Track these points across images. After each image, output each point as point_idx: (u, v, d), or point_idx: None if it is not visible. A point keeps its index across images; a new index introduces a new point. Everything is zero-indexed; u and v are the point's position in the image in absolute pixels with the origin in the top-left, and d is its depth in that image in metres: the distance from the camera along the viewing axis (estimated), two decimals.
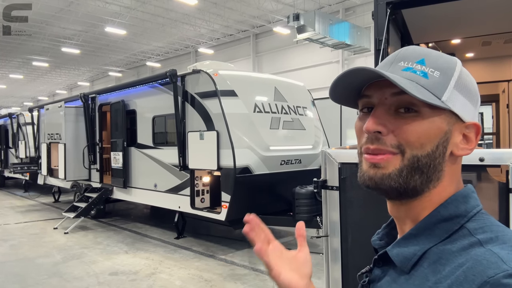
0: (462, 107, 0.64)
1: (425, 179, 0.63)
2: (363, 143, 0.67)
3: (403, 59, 0.66)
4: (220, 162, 6.18)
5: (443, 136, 0.63)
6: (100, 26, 21.65)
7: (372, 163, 0.65)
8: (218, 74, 6.42)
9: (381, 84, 0.64)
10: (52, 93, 44.63)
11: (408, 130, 0.62)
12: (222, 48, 26.16)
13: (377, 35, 3.86)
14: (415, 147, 0.62)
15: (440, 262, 0.58)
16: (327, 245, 1.86)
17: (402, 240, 0.65)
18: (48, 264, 6.00)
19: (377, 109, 0.65)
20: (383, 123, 0.64)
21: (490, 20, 5.01)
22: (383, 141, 0.64)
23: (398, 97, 0.63)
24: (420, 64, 0.64)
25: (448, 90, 0.63)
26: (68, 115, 9.35)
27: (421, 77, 0.63)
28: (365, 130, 0.65)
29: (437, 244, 0.61)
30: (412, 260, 0.61)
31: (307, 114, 7.51)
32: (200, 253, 6.47)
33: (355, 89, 0.69)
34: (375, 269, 0.70)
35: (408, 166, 0.63)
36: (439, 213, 0.63)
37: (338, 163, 1.73)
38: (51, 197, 12.24)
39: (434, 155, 0.63)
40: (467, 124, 0.65)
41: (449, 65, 0.65)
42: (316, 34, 15.89)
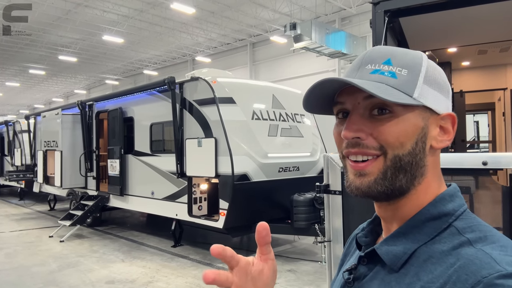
0: (435, 100, 0.65)
1: (409, 177, 0.64)
2: (344, 148, 0.67)
3: (370, 61, 0.66)
4: (218, 169, 6.16)
5: (421, 132, 0.64)
6: (98, 34, 21.72)
7: (357, 170, 0.65)
8: (216, 82, 6.43)
9: (352, 89, 0.64)
10: (48, 101, 44.52)
11: (386, 131, 0.63)
12: (220, 56, 26.29)
13: (375, 43, 3.89)
14: (395, 146, 0.63)
15: (430, 261, 0.58)
16: (330, 251, 1.85)
17: (391, 238, 0.65)
18: (44, 273, 5.92)
19: (352, 115, 0.66)
20: (360, 128, 0.64)
21: (486, 29, 5.07)
22: (364, 145, 0.64)
23: (370, 100, 0.63)
24: (387, 65, 0.64)
25: (418, 86, 0.63)
26: (65, 123, 9.32)
27: (389, 77, 0.63)
28: (343, 137, 0.66)
29: (427, 243, 0.61)
30: (402, 258, 0.61)
31: (305, 122, 7.53)
32: (197, 261, 6.41)
33: (327, 97, 0.70)
34: (360, 266, 0.69)
35: (391, 166, 0.63)
36: (428, 211, 0.63)
37: (340, 168, 1.73)
38: (46, 205, 12.12)
39: (414, 152, 0.63)
40: (442, 115, 0.66)
41: (415, 61, 0.65)
42: (313, 43, 16.02)
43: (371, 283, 0.65)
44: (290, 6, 18.28)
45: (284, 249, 7.11)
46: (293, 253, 6.82)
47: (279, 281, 5.41)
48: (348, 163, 0.68)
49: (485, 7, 4.00)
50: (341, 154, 0.70)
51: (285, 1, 17.94)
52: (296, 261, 6.32)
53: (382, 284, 0.63)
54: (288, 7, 18.43)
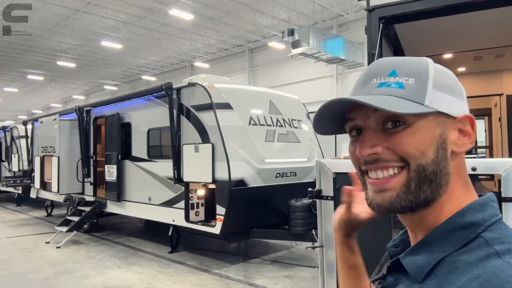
0: (448, 104, 0.63)
1: (434, 187, 0.61)
2: (362, 164, 0.66)
3: (375, 75, 0.65)
4: (215, 175, 6.16)
5: (439, 139, 0.62)
6: (96, 40, 21.78)
7: (376, 187, 0.63)
8: (213, 87, 6.45)
9: (361, 105, 0.63)
10: (46, 106, 44.52)
11: (402, 142, 0.61)
12: (218, 62, 26.38)
13: (370, 49, 3.93)
14: (417, 156, 0.61)
15: (455, 272, 0.56)
16: (322, 256, 1.85)
17: (415, 248, 0.63)
18: (40, 279, 5.89)
19: (365, 132, 0.64)
20: (375, 144, 0.63)
21: (481, 35, 5.11)
22: (382, 159, 0.62)
23: (380, 113, 0.62)
24: (393, 76, 0.63)
25: (428, 93, 0.62)
26: (63, 128, 9.31)
27: (397, 88, 0.62)
28: (359, 155, 0.64)
29: (452, 254, 0.58)
30: (426, 269, 0.59)
31: (302, 127, 7.54)
32: (194, 267, 6.39)
33: (338, 117, 0.69)
34: (389, 276, 0.68)
35: (415, 177, 0.61)
36: (454, 221, 0.61)
37: (332, 173, 1.74)
38: (43, 211, 12.07)
39: (437, 159, 0.61)
40: (459, 118, 0.64)
41: (421, 68, 0.64)
42: (311, 49, 16.10)
43: None
44: (288, 12, 18.39)
45: (282, 255, 7.09)
46: (291, 259, 6.80)
47: (275, 287, 5.39)
48: (367, 180, 0.66)
49: (480, 14, 4.05)
50: (359, 171, 0.68)
51: (283, 7, 18.05)
52: (294, 267, 6.30)
53: None
54: (286, 13, 18.54)
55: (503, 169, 1.39)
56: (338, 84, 20.36)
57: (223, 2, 17.63)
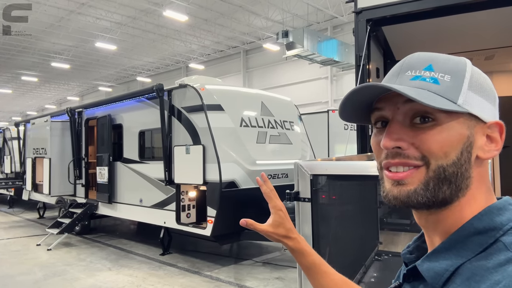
0: (481, 108, 0.61)
1: (453, 188, 0.60)
2: (383, 158, 0.64)
3: (410, 67, 0.63)
4: (206, 177, 6.14)
5: (466, 141, 0.60)
6: (91, 41, 21.73)
7: (395, 180, 0.62)
8: (204, 89, 6.44)
9: (392, 95, 0.62)
10: (41, 107, 44.32)
11: (429, 140, 0.59)
12: (213, 63, 26.39)
13: (358, 51, 3.94)
14: (439, 157, 0.59)
15: (474, 279, 0.53)
16: None
17: (433, 254, 0.61)
18: (29, 282, 5.84)
19: (392, 124, 0.62)
20: (401, 138, 0.61)
21: (471, 37, 5.14)
22: (405, 155, 0.61)
23: (411, 105, 0.60)
24: (429, 71, 0.62)
25: (462, 93, 0.60)
26: (54, 130, 9.26)
27: (431, 83, 0.60)
28: (383, 147, 0.62)
29: (471, 259, 0.56)
30: (444, 276, 0.57)
31: (294, 129, 7.55)
32: (185, 269, 6.36)
33: (365, 104, 0.67)
34: (405, 285, 0.65)
35: (434, 177, 0.59)
36: (472, 225, 0.59)
37: (310, 175, 1.74)
38: (35, 213, 11.99)
39: (459, 162, 0.59)
40: (489, 124, 0.62)
41: (458, 66, 0.62)
42: (305, 51, 16.16)
43: None
44: (282, 14, 18.44)
45: (273, 256, 7.08)
46: (282, 260, 6.79)
47: None
48: (384, 173, 0.64)
49: (469, 16, 4.07)
50: (379, 165, 0.67)
51: (278, 9, 18.10)
52: (285, 268, 6.29)
53: None
54: (281, 15, 18.59)
55: None
56: (332, 85, 20.42)
57: (218, 4, 17.65)
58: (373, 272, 3.26)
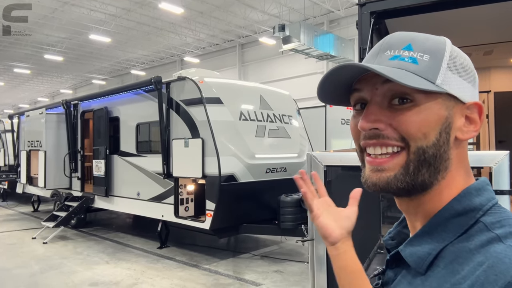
0: (459, 88, 0.60)
1: (432, 171, 0.59)
2: (361, 139, 0.64)
3: (389, 47, 0.63)
4: (205, 170, 6.12)
5: (445, 122, 0.59)
6: (84, 33, 21.45)
7: (374, 166, 0.61)
8: (204, 82, 6.39)
9: (370, 76, 0.61)
10: (33, 100, 43.77)
11: (407, 121, 0.58)
12: (208, 57, 26.21)
13: (361, 44, 3.92)
14: (418, 138, 0.58)
15: (457, 261, 0.54)
16: (313, 250, 1.84)
17: (415, 239, 0.61)
18: (25, 275, 5.79)
19: (370, 105, 0.62)
20: (378, 119, 0.60)
21: (470, 32, 5.15)
22: (383, 136, 0.60)
23: (389, 86, 0.59)
24: (408, 50, 0.61)
25: (441, 72, 0.59)
26: (49, 122, 9.15)
27: (410, 63, 0.59)
28: (360, 128, 0.62)
29: (453, 242, 0.56)
30: (427, 260, 0.57)
31: (293, 123, 7.53)
32: (183, 262, 6.35)
33: (344, 85, 0.66)
34: (388, 270, 0.65)
35: (414, 160, 0.59)
36: (452, 208, 0.59)
37: (323, 166, 1.72)
38: (30, 207, 11.88)
39: (439, 143, 0.59)
40: (468, 104, 0.61)
41: (438, 46, 0.61)
42: (301, 45, 16.09)
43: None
44: (279, 7, 18.33)
45: (271, 250, 7.10)
46: (280, 253, 6.81)
47: (265, 282, 5.39)
48: (365, 157, 0.63)
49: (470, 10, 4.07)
50: (358, 147, 0.66)
51: (274, 2, 17.98)
52: (283, 262, 6.31)
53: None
54: (277, 9, 18.47)
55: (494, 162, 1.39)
56: None
57: None
58: (376, 264, 3.26)
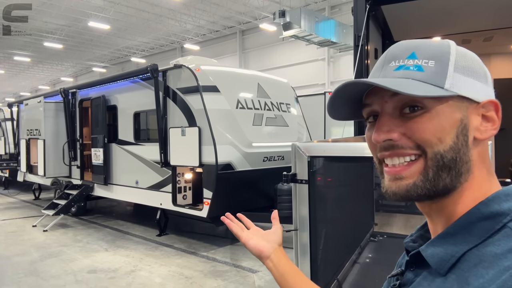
0: (470, 88, 0.59)
1: (454, 175, 0.58)
2: (378, 151, 0.63)
3: (393, 58, 0.63)
4: (202, 159, 6.12)
5: (460, 124, 0.58)
6: (84, 20, 21.28)
7: (392, 175, 0.61)
8: (200, 70, 6.35)
9: (378, 89, 0.61)
10: (34, 88, 43.74)
11: (420, 128, 0.58)
12: (209, 44, 26.01)
13: (356, 31, 3.87)
14: (434, 143, 0.58)
15: (482, 265, 0.52)
16: (297, 239, 1.85)
17: (438, 240, 0.60)
18: (25, 263, 5.86)
19: (381, 117, 0.62)
20: (391, 129, 0.60)
21: (470, 18, 5.07)
22: (398, 146, 0.60)
23: (398, 98, 0.59)
24: (412, 59, 0.60)
25: (449, 76, 0.58)
26: (48, 111, 9.15)
27: (416, 71, 0.59)
28: (374, 141, 0.62)
29: (478, 246, 0.55)
30: (450, 262, 0.56)
31: (291, 111, 7.50)
32: (181, 250, 6.41)
33: (354, 101, 0.66)
34: (407, 272, 0.64)
35: (433, 166, 0.58)
36: (479, 211, 0.57)
37: (307, 156, 1.72)
38: (31, 195, 11.98)
39: (457, 146, 0.58)
40: (483, 103, 0.60)
41: (442, 50, 0.61)
42: (302, 32, 15.93)
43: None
44: None
45: None
46: None
47: (262, 268, 5.44)
48: (384, 168, 0.63)
49: None
50: (376, 159, 0.66)
51: None
52: None
53: None
54: None
55: None
56: (329, 67, 20.25)
57: None
58: (368, 252, 3.29)
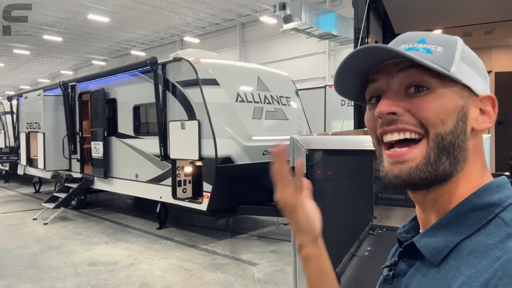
0: (472, 80, 0.62)
1: (452, 160, 0.60)
2: (378, 127, 0.64)
3: (403, 42, 0.64)
4: (201, 152, 6.12)
5: (460, 111, 0.60)
6: (83, 13, 21.15)
7: (394, 159, 0.61)
8: (199, 62, 6.32)
9: (386, 67, 0.63)
10: (34, 82, 43.61)
11: (425, 107, 0.59)
12: (209, 37, 25.87)
13: (357, 23, 3.84)
14: (436, 124, 0.59)
15: (474, 255, 0.54)
16: None
17: (431, 230, 0.61)
18: (26, 255, 5.89)
19: (387, 92, 0.62)
20: (396, 103, 0.61)
21: (471, 10, 5.03)
22: (401, 121, 0.60)
23: (405, 74, 0.61)
24: (422, 43, 0.62)
25: (455, 62, 0.60)
26: (47, 104, 9.13)
27: (425, 53, 0.60)
28: (377, 114, 0.62)
29: (470, 236, 0.56)
30: (443, 252, 0.57)
31: (291, 104, 7.47)
32: (181, 243, 6.44)
33: (360, 77, 0.67)
34: (401, 262, 0.65)
35: (434, 147, 0.59)
36: (471, 201, 0.59)
37: (305, 150, 1.71)
38: (31, 188, 12.01)
39: (456, 131, 0.59)
40: (481, 97, 0.63)
41: (450, 40, 0.63)
42: (303, 24, 15.83)
43: (412, 280, 0.62)
44: None
45: (268, 230, 7.17)
46: (277, 234, 6.89)
47: (261, 261, 5.47)
48: (384, 152, 0.63)
49: None
50: (375, 139, 0.66)
51: None
52: (280, 242, 6.38)
53: (423, 280, 0.59)
54: None
55: None
56: (330, 60, 20.15)
57: None
58: (366, 246, 3.30)
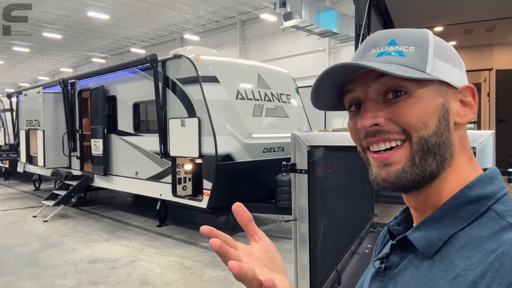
0: (449, 74, 0.61)
1: (439, 159, 0.59)
2: (362, 139, 0.63)
3: (373, 45, 0.63)
4: (201, 150, 6.11)
5: (442, 109, 0.60)
6: (83, 10, 21.08)
7: (381, 161, 0.61)
8: (199, 60, 6.30)
9: (360, 75, 0.62)
10: (34, 79, 43.54)
11: (405, 113, 0.59)
12: (209, 35, 25.80)
13: (358, 20, 3.82)
14: (419, 127, 0.58)
15: (468, 247, 0.54)
16: (296, 230, 1.84)
17: (423, 224, 0.60)
18: (26, 253, 5.89)
19: (366, 103, 0.62)
20: (376, 115, 0.60)
21: (472, 7, 5.00)
22: (384, 131, 0.60)
23: (381, 81, 0.60)
24: (392, 45, 0.61)
25: (429, 61, 0.60)
26: (47, 101, 9.11)
27: (397, 57, 0.60)
28: (360, 127, 0.62)
29: (464, 228, 0.56)
30: (437, 245, 0.57)
31: (291, 102, 7.46)
32: (181, 240, 6.43)
33: (336, 88, 0.66)
34: (393, 255, 0.65)
35: (418, 150, 0.59)
36: (464, 195, 0.59)
37: (307, 146, 1.69)
38: (31, 185, 12.00)
39: (439, 131, 0.59)
40: (460, 89, 0.63)
41: (421, 37, 0.62)
42: (303, 22, 15.77)
43: (404, 272, 0.61)
44: None
45: (268, 228, 7.17)
46: (277, 232, 6.88)
47: None
48: (369, 156, 0.63)
49: None
50: (360, 147, 0.66)
51: None
52: (280, 239, 6.37)
53: (416, 273, 0.59)
54: None
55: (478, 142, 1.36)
56: (330, 58, 20.11)
57: None
58: (367, 243, 3.29)
